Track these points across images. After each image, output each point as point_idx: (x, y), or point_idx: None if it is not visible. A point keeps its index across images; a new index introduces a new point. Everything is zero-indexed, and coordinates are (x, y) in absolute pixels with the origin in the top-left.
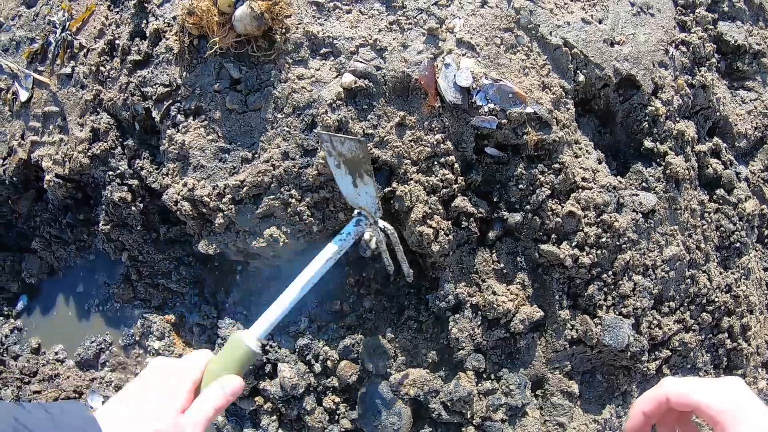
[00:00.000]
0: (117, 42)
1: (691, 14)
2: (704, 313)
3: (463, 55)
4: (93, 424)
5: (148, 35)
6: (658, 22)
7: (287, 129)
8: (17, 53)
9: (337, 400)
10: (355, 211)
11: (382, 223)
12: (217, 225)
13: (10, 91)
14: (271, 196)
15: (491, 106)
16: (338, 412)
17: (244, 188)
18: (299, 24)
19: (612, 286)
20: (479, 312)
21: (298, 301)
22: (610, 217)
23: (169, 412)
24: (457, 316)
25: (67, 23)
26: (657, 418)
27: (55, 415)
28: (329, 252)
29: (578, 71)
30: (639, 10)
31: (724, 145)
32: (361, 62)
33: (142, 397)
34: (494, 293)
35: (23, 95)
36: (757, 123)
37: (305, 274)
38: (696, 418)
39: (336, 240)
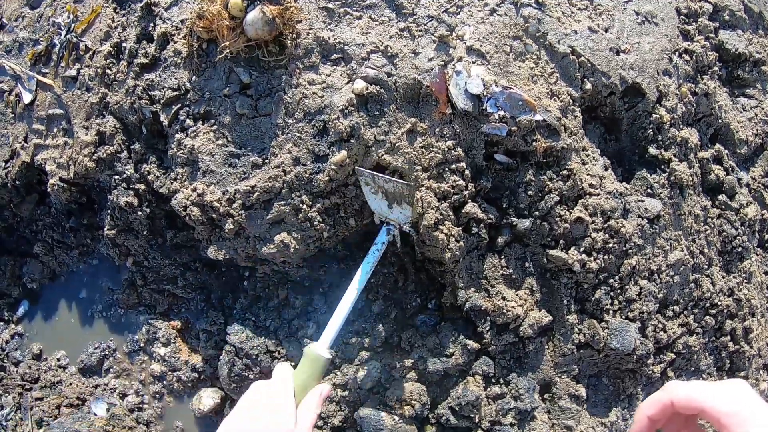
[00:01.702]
0: (123, 45)
1: (693, 23)
2: (707, 317)
3: (474, 62)
4: None
5: (155, 38)
6: (661, 31)
7: (298, 134)
8: (20, 55)
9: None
10: (382, 222)
11: (407, 228)
12: (226, 230)
13: (12, 92)
14: (282, 202)
15: (501, 113)
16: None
17: (255, 194)
18: (310, 29)
19: (619, 291)
20: (488, 317)
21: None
22: (617, 223)
23: (285, 427)
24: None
25: (72, 25)
26: (662, 422)
27: None
28: (372, 259)
29: (585, 79)
30: (644, 19)
31: (726, 151)
32: (373, 68)
33: (257, 418)
34: (504, 298)
35: (26, 97)
36: (757, 130)
37: (354, 284)
38: (702, 421)
39: (373, 251)
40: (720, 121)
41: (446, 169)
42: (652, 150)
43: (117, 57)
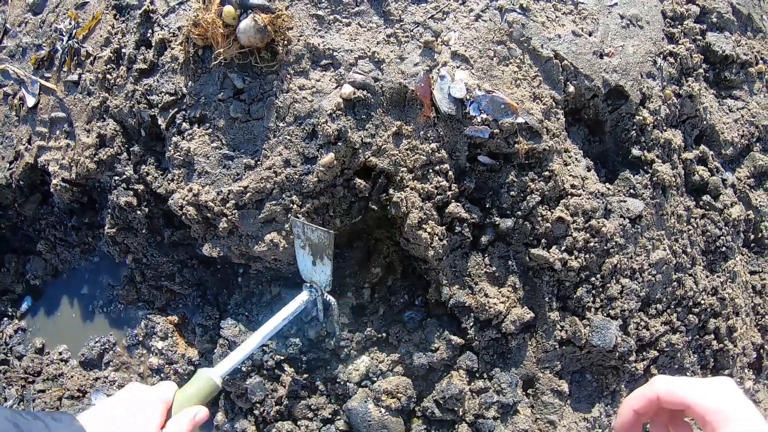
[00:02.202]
0: (123, 50)
1: (679, 26)
2: (691, 315)
3: (458, 67)
4: None
5: (153, 44)
6: (646, 34)
7: (289, 137)
8: (24, 59)
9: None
10: (307, 284)
11: (327, 296)
12: (220, 229)
13: (17, 96)
14: (273, 202)
15: (484, 116)
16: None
17: (247, 194)
18: (300, 36)
19: (600, 289)
20: (472, 313)
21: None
22: (598, 223)
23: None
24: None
25: (74, 31)
26: (647, 416)
27: (49, 424)
28: (287, 312)
29: (568, 82)
30: (628, 22)
31: (711, 152)
32: (360, 74)
33: (123, 417)
34: (486, 295)
35: (30, 101)
36: (743, 131)
37: (266, 327)
38: (688, 418)
39: (292, 304)
40: (705, 122)
41: (430, 171)
42: (635, 151)
43: (117, 62)
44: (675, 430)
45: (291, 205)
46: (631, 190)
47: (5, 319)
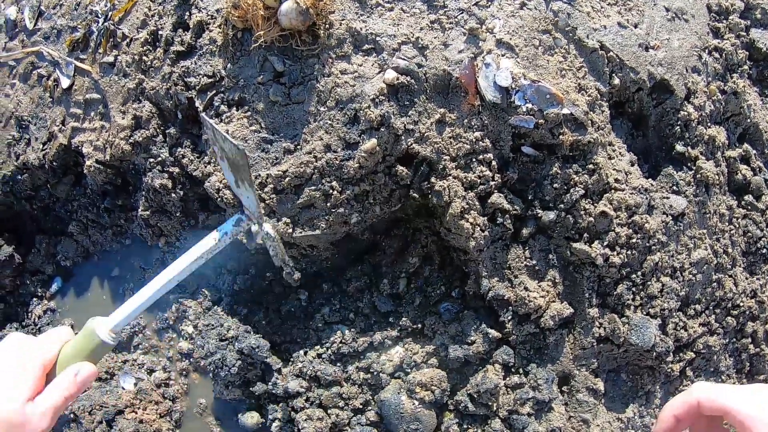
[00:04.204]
0: (160, 33)
1: (724, 21)
2: (729, 317)
3: (503, 55)
4: None
5: (191, 27)
6: (691, 27)
7: (330, 122)
8: (58, 41)
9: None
10: (239, 212)
11: (266, 228)
12: None
13: (51, 78)
14: (312, 187)
15: (529, 106)
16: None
17: (286, 179)
18: (342, 20)
19: (640, 287)
20: (510, 307)
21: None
22: (641, 219)
23: (18, 399)
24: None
25: (110, 13)
26: (687, 422)
27: None
28: (202, 249)
29: (613, 74)
30: (674, 15)
31: (754, 151)
32: (404, 59)
33: None
34: (526, 289)
35: (64, 82)
36: None
37: (172, 269)
38: (726, 425)
39: (210, 236)
40: (749, 120)
41: (473, 160)
42: (679, 147)
43: (153, 44)
44: None
45: (331, 190)
46: (674, 187)
47: (34, 299)
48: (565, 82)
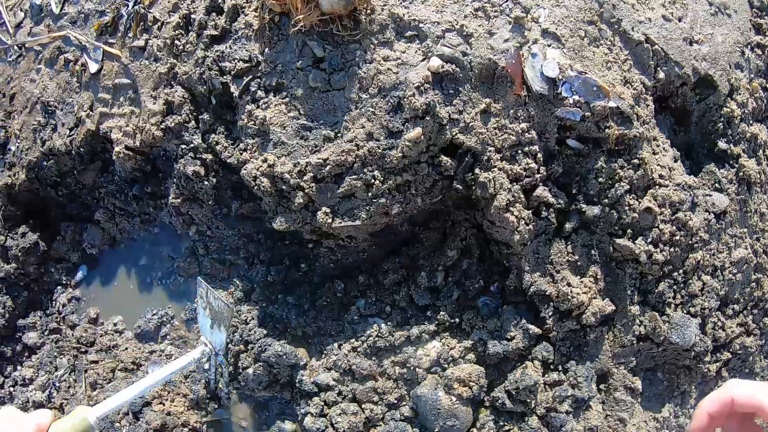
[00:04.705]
0: (192, 16)
1: (766, 17)
2: (766, 318)
3: (549, 45)
4: None
5: (225, 11)
6: (734, 23)
7: (372, 110)
8: (85, 26)
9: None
10: (202, 339)
11: (220, 359)
12: (296, 203)
13: (78, 62)
14: (354, 177)
15: (576, 98)
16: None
17: (327, 167)
18: (384, 5)
19: (682, 285)
20: (551, 303)
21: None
22: (685, 216)
23: None
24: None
25: None
26: (722, 420)
27: None
28: (176, 366)
29: (658, 68)
30: (717, 10)
31: None
32: (448, 47)
33: None
34: (569, 285)
35: (93, 67)
36: None
37: (152, 377)
38: (759, 421)
39: (184, 359)
40: None
41: (519, 152)
42: (722, 144)
43: (186, 28)
44: None
45: (372, 180)
46: (716, 184)
47: (59, 287)
48: (611, 74)
